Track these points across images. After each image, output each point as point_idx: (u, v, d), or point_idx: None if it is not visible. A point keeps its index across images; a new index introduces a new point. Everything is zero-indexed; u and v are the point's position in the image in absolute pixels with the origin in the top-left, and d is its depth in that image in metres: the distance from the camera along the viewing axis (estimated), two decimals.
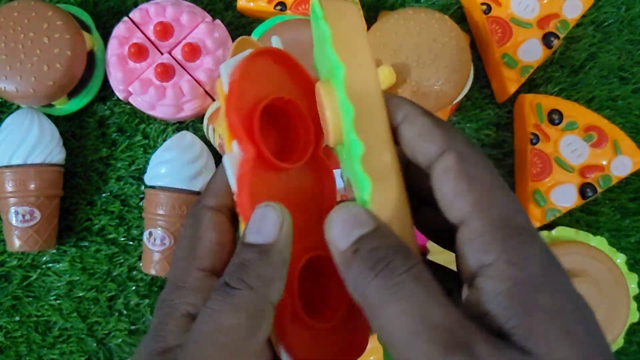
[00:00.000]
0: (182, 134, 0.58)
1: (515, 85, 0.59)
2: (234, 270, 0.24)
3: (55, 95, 0.55)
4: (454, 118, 0.63)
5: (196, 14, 0.57)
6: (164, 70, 0.55)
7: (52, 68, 0.53)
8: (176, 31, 0.57)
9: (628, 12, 0.64)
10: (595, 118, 0.60)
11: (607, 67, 0.63)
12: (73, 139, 0.61)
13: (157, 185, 0.56)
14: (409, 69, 0.55)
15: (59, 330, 0.61)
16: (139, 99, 0.57)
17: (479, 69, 0.63)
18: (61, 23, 0.54)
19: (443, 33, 0.56)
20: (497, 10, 0.59)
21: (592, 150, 0.59)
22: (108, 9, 0.62)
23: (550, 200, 0.59)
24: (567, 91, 0.63)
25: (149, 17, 0.57)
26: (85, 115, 0.61)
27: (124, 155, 0.61)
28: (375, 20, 0.61)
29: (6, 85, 0.53)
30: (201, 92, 0.56)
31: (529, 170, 0.59)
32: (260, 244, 0.24)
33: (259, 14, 0.60)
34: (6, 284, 0.61)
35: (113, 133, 0.61)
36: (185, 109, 0.57)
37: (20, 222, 0.56)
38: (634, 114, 0.63)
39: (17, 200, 0.55)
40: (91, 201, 0.61)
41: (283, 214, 0.25)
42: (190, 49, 0.55)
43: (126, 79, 0.56)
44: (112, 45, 0.56)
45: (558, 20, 0.59)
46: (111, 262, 0.61)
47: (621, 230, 0.63)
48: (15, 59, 0.53)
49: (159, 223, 0.56)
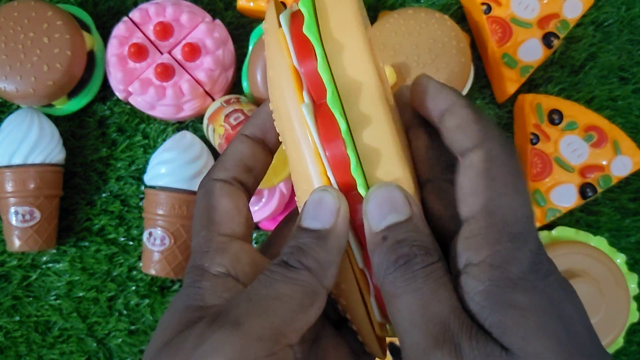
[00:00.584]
0: (182, 134, 0.58)
1: (515, 85, 0.59)
2: (293, 252, 0.25)
3: (55, 95, 0.55)
4: None
5: (196, 14, 0.57)
6: (164, 70, 0.55)
7: (52, 68, 0.53)
8: (176, 31, 0.57)
9: (628, 12, 0.64)
10: (595, 118, 0.59)
11: (607, 67, 0.63)
12: (73, 139, 0.61)
13: (157, 185, 0.56)
14: (409, 69, 0.55)
15: (59, 330, 0.61)
16: (138, 99, 0.57)
17: (479, 69, 0.63)
18: (61, 23, 0.54)
19: (443, 33, 0.56)
20: (497, 10, 0.59)
21: (592, 150, 0.59)
22: (108, 9, 0.62)
23: (550, 200, 0.59)
24: (567, 91, 0.63)
25: (149, 17, 0.57)
26: (85, 115, 0.61)
27: (123, 155, 0.61)
28: (375, 20, 0.61)
29: (6, 85, 0.53)
30: (201, 92, 0.56)
31: (529, 170, 0.59)
32: (317, 230, 0.25)
33: (259, 14, 0.60)
34: (6, 284, 0.61)
35: (113, 133, 0.61)
36: (185, 109, 0.57)
37: (20, 222, 0.56)
38: (634, 114, 0.63)
39: (17, 200, 0.55)
40: (91, 201, 0.61)
41: (340, 199, 0.25)
42: (190, 49, 0.55)
43: (126, 79, 0.56)
44: (112, 45, 0.56)
45: (558, 20, 0.59)
46: (111, 262, 0.61)
47: (621, 230, 0.63)
48: (15, 59, 0.53)
49: (159, 223, 0.56)
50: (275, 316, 0.23)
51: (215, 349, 0.23)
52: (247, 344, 0.23)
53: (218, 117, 0.54)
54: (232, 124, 0.52)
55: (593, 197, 0.59)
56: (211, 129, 0.56)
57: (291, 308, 0.24)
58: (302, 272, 0.25)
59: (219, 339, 0.23)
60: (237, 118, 0.53)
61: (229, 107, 0.55)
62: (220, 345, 0.23)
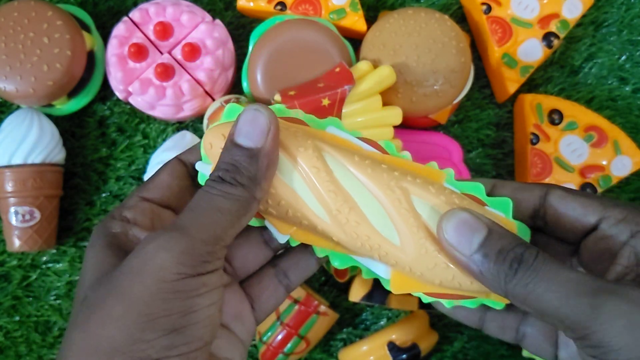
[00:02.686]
0: (182, 134, 0.58)
1: (515, 85, 0.59)
2: (228, 170, 0.29)
3: (55, 95, 0.55)
4: (454, 118, 0.63)
5: (196, 13, 0.57)
6: (164, 70, 0.55)
7: (52, 68, 0.53)
8: (176, 31, 0.57)
9: (628, 12, 0.64)
10: (595, 118, 0.60)
11: (607, 67, 0.63)
12: (73, 138, 0.61)
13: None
14: (409, 69, 0.55)
15: (59, 330, 0.61)
16: (138, 99, 0.57)
17: (479, 69, 0.63)
18: (61, 23, 0.54)
19: (443, 33, 0.56)
20: (497, 10, 0.59)
21: (592, 150, 0.59)
22: (108, 9, 0.62)
23: None
24: (567, 91, 0.63)
25: (149, 17, 0.57)
26: (85, 115, 0.61)
27: (123, 155, 0.61)
28: (375, 20, 0.61)
29: (6, 85, 0.53)
30: (201, 92, 0.56)
31: (529, 170, 0.59)
32: (250, 148, 0.29)
33: (259, 14, 0.60)
34: (6, 284, 0.61)
35: (113, 133, 0.61)
36: (185, 109, 0.57)
37: (20, 222, 0.56)
38: (634, 114, 0.63)
39: (17, 200, 0.55)
40: (91, 201, 0.61)
41: (271, 120, 0.29)
42: (190, 49, 0.56)
43: (126, 78, 0.56)
44: (112, 45, 0.56)
45: (558, 20, 0.59)
46: None
47: None
48: (15, 59, 0.53)
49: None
50: (217, 225, 0.28)
51: (164, 246, 0.26)
52: (193, 244, 0.27)
53: (218, 117, 0.54)
54: None
55: None
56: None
57: (229, 218, 0.28)
58: (237, 187, 0.28)
59: (168, 239, 0.27)
60: None
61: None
62: (169, 243, 0.26)
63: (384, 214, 0.33)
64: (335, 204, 0.33)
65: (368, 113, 0.54)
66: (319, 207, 0.33)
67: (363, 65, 0.54)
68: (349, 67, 0.53)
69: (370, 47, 0.57)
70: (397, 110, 0.54)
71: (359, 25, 0.58)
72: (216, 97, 0.58)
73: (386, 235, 0.33)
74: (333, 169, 0.33)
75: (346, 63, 0.54)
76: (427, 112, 0.57)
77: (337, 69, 0.53)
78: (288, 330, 0.55)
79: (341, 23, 0.58)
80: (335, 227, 0.33)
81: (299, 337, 0.55)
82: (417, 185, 0.33)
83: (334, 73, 0.53)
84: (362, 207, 0.33)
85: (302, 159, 0.32)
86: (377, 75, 0.53)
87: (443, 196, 0.32)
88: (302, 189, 0.32)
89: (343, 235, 0.33)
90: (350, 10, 0.58)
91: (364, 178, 0.33)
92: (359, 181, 0.33)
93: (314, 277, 0.61)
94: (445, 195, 0.32)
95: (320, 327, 0.56)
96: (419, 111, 0.56)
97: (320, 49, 0.55)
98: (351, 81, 0.52)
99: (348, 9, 0.58)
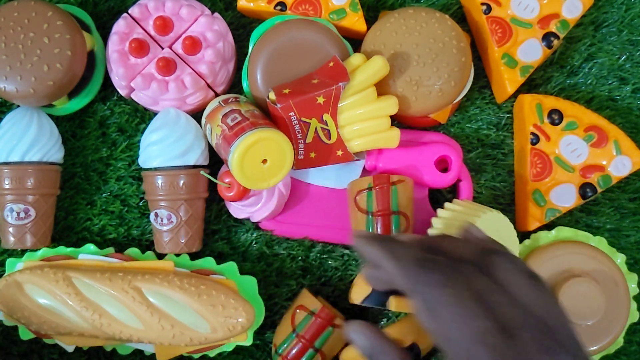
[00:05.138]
0: (166, 111, 0.57)
1: (515, 85, 0.59)
2: None
3: (55, 95, 0.55)
4: (454, 118, 0.63)
5: (195, 7, 0.57)
6: (166, 64, 0.55)
7: (52, 68, 0.53)
8: (176, 25, 0.57)
9: (628, 12, 0.64)
10: (595, 118, 0.60)
11: (607, 67, 0.63)
12: (73, 138, 0.61)
13: (151, 166, 0.56)
14: (409, 69, 0.55)
15: None
16: (141, 95, 0.57)
17: (479, 69, 0.63)
18: (61, 23, 0.54)
19: (443, 32, 0.56)
20: (497, 10, 0.59)
21: (592, 150, 0.59)
22: (108, 9, 0.62)
23: (550, 200, 0.59)
24: (567, 91, 0.63)
25: (148, 12, 0.57)
26: (85, 115, 0.61)
27: (124, 155, 0.61)
28: (375, 20, 0.61)
29: (6, 85, 0.53)
30: (203, 85, 0.56)
31: (529, 170, 0.59)
32: None
33: (259, 14, 0.60)
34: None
35: (113, 133, 0.61)
36: (188, 103, 0.57)
37: (15, 219, 0.56)
38: (634, 114, 0.63)
39: (13, 197, 0.55)
40: (91, 201, 0.61)
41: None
42: (191, 43, 0.56)
43: (128, 74, 0.56)
44: (113, 42, 0.56)
45: (558, 20, 0.59)
46: None
47: (621, 230, 0.63)
48: (15, 59, 0.53)
49: (162, 203, 0.56)
50: None
51: None
52: None
53: (216, 117, 0.54)
54: (229, 125, 0.52)
55: (593, 197, 0.59)
56: (209, 127, 0.56)
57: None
58: None
59: None
60: (235, 119, 0.53)
61: (226, 106, 0.55)
62: None
63: (126, 310, 0.50)
64: (89, 315, 0.50)
65: (364, 105, 0.54)
66: (79, 320, 0.50)
67: (356, 59, 0.54)
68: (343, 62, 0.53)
69: (371, 46, 0.57)
70: (393, 99, 0.54)
71: (359, 25, 0.59)
72: (218, 90, 0.58)
73: (133, 325, 0.50)
74: (81, 289, 0.50)
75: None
76: (428, 111, 0.57)
77: (331, 64, 0.53)
78: (303, 343, 0.55)
79: (341, 23, 0.58)
80: (96, 331, 0.50)
81: (315, 350, 0.55)
82: (145, 281, 0.51)
83: (327, 68, 0.54)
84: (109, 310, 0.50)
85: (56, 289, 0.50)
86: (371, 67, 0.53)
87: (166, 282, 0.51)
88: (63, 309, 0.50)
89: (103, 334, 0.51)
90: (350, 11, 0.58)
91: (105, 288, 0.50)
92: (102, 292, 0.50)
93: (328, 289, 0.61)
94: (168, 280, 0.51)
95: (334, 340, 0.56)
96: (419, 110, 0.56)
97: (321, 49, 0.55)
98: (345, 78, 0.52)
99: (348, 9, 0.58)
